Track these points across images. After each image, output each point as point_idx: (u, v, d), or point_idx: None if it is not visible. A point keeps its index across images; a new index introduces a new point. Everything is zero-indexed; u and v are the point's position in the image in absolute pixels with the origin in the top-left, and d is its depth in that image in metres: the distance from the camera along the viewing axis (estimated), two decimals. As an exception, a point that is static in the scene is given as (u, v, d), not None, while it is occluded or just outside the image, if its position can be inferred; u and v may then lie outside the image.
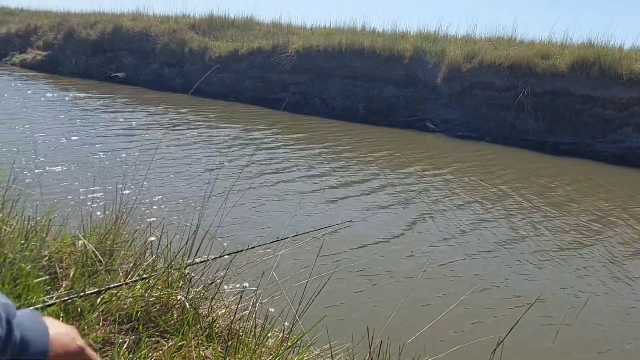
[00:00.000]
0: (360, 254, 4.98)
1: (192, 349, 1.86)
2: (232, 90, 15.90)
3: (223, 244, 2.45)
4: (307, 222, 5.66)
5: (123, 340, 1.83)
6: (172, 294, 2.09)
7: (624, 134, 10.65)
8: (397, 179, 7.95)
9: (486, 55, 12.55)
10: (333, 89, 14.45)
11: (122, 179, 6.36)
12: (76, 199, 5.45)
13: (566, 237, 6.03)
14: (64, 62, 19.65)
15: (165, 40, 17.81)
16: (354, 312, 3.99)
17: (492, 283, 4.68)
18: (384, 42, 14.27)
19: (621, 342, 3.94)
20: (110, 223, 2.44)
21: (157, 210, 5.54)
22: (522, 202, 7.20)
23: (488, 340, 1.89)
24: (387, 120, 13.19)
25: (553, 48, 12.47)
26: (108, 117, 11.34)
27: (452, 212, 6.54)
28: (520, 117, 11.68)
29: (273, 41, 15.88)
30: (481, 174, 8.67)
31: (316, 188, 7.13)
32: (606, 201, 7.56)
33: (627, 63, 10.93)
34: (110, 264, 2.23)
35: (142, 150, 8.22)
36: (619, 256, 5.53)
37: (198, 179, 7.05)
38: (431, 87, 13.11)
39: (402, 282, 4.54)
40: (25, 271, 1.99)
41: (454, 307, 4.22)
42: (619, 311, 4.37)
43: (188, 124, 11.41)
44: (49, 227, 2.43)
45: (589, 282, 4.87)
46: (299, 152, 9.44)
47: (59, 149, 8.01)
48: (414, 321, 3.82)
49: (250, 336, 2.00)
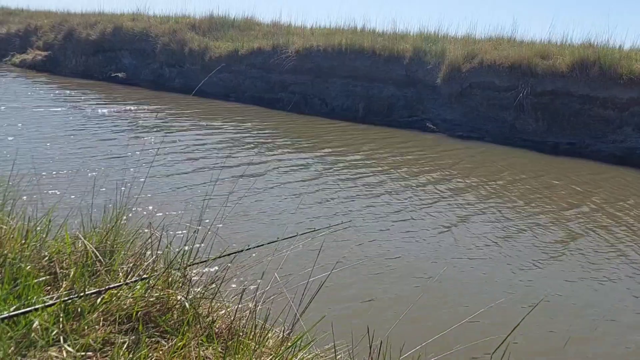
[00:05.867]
0: (360, 254, 4.98)
1: (192, 349, 1.86)
2: (232, 90, 15.91)
3: (223, 244, 2.45)
4: (307, 222, 5.67)
5: (123, 341, 1.82)
6: (172, 294, 2.09)
7: (624, 134, 10.64)
8: (397, 179, 7.95)
9: (486, 55, 12.55)
10: (333, 89, 14.44)
11: (122, 179, 6.36)
12: (76, 199, 5.45)
13: (566, 237, 6.03)
14: (64, 63, 19.64)
15: (165, 41, 17.82)
16: (354, 312, 3.99)
17: (493, 283, 4.68)
18: (384, 42, 14.27)
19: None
20: (111, 223, 2.44)
21: (157, 210, 5.54)
22: (521, 202, 7.20)
23: (489, 341, 1.89)
24: (387, 120, 13.19)
25: (553, 48, 12.46)
26: (108, 117, 11.34)
27: (453, 212, 6.54)
28: (520, 117, 11.67)
29: (273, 41, 15.88)
30: (481, 174, 8.67)
31: (316, 188, 7.12)
32: (607, 201, 7.56)
33: (627, 63, 10.93)
34: (110, 264, 2.22)
35: (142, 151, 8.21)
36: (624, 256, 5.53)
37: (198, 179, 7.05)
38: (431, 87, 13.11)
39: (402, 282, 4.54)
40: (25, 271, 1.99)
41: (454, 307, 4.22)
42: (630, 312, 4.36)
43: (188, 124, 11.41)
44: (49, 227, 2.42)
45: (591, 283, 4.87)
46: (299, 152, 9.44)
47: (58, 149, 8.01)
48: (414, 321, 3.82)
49: (250, 336, 2.00)
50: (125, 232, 2.46)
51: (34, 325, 1.75)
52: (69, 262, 2.18)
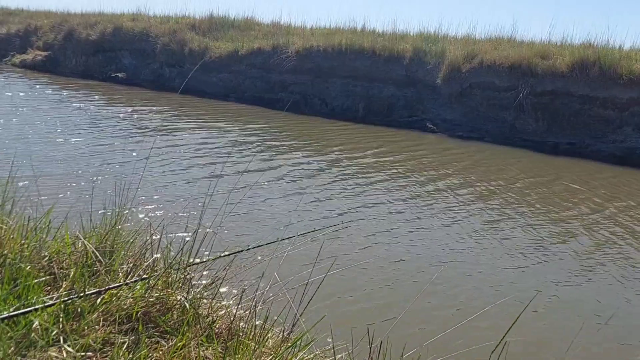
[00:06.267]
0: (360, 254, 4.98)
1: (192, 349, 1.86)
2: (232, 90, 15.91)
3: (223, 244, 2.45)
4: (307, 222, 5.67)
5: (123, 341, 1.82)
6: (172, 294, 2.09)
7: (624, 134, 10.65)
8: (397, 179, 7.95)
9: (486, 55, 12.55)
10: (333, 89, 14.44)
11: (122, 179, 6.36)
12: (76, 199, 5.44)
13: (566, 237, 6.03)
14: (64, 63, 19.64)
15: (165, 41, 17.82)
16: (354, 312, 3.99)
17: (494, 283, 4.68)
18: (384, 42, 14.27)
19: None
20: (111, 223, 2.44)
21: (157, 210, 5.54)
22: (521, 202, 7.20)
23: (490, 341, 1.89)
24: (387, 120, 13.19)
25: (553, 48, 12.46)
26: (108, 117, 11.34)
27: (453, 212, 6.54)
28: (520, 117, 11.67)
29: (273, 41, 15.88)
30: (481, 174, 8.67)
31: (316, 188, 7.13)
32: (606, 201, 7.56)
33: (627, 63, 10.92)
34: (110, 264, 2.22)
35: (142, 151, 8.22)
36: (628, 256, 5.54)
37: (198, 179, 7.05)
38: (431, 87, 13.11)
39: (403, 282, 4.54)
40: (25, 271, 1.99)
41: (454, 307, 4.22)
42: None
43: (188, 124, 11.41)
44: (49, 227, 2.43)
45: (592, 284, 4.87)
46: (299, 152, 9.44)
47: (58, 150, 8.01)
48: (414, 322, 3.82)
49: (250, 336, 2.00)
50: (125, 233, 2.46)
51: (34, 325, 1.75)
52: (68, 263, 2.18)
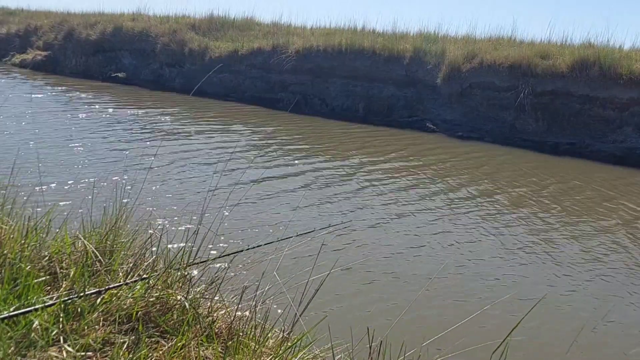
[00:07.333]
0: (360, 254, 4.98)
1: (192, 349, 1.86)
2: (232, 90, 15.91)
3: (223, 244, 2.45)
4: (307, 222, 5.67)
5: (123, 341, 1.82)
6: (172, 294, 2.09)
7: (624, 134, 10.65)
8: (397, 178, 7.95)
9: (486, 55, 12.55)
10: (333, 89, 14.45)
11: (122, 179, 6.37)
12: (76, 199, 5.45)
13: (568, 236, 6.03)
14: (64, 63, 19.64)
15: (165, 41, 17.82)
16: (354, 312, 3.99)
17: (494, 282, 4.68)
18: (384, 42, 14.27)
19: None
20: (110, 223, 2.44)
21: (157, 210, 5.54)
22: (520, 201, 7.20)
23: (490, 341, 1.89)
24: (387, 120, 13.19)
25: (553, 48, 12.46)
26: (108, 117, 11.34)
27: (453, 213, 6.53)
28: (520, 117, 11.67)
29: (273, 41, 15.88)
30: (481, 174, 8.67)
31: (316, 188, 7.13)
32: (607, 201, 7.55)
33: (627, 63, 10.93)
34: (110, 264, 2.22)
35: (142, 151, 8.21)
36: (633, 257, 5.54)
37: (198, 179, 7.05)
38: (431, 87, 13.11)
39: (402, 282, 4.54)
40: (25, 271, 1.99)
41: (454, 307, 4.22)
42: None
43: (188, 124, 11.41)
44: (49, 227, 2.42)
45: (595, 283, 4.87)
46: (299, 152, 9.44)
47: (58, 150, 8.01)
48: (414, 321, 3.82)
49: (250, 336, 2.00)
50: (125, 232, 2.46)
51: (34, 325, 1.75)
52: (68, 262, 2.18)
